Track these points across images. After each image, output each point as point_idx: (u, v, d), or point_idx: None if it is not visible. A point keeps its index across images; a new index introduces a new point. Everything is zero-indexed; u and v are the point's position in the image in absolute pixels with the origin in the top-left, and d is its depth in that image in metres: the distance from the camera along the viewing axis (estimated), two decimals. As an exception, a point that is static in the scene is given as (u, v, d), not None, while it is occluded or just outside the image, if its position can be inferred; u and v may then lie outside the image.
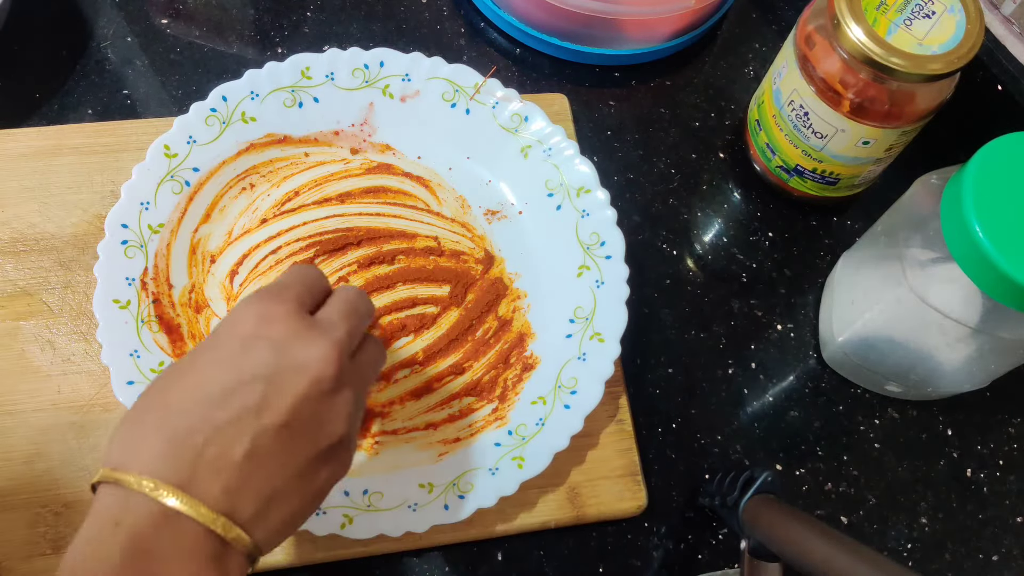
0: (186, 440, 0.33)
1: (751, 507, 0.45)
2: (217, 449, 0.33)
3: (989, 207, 0.43)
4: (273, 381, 0.35)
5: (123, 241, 0.52)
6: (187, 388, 0.35)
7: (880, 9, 0.50)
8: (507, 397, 0.53)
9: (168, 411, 0.34)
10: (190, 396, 0.34)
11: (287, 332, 0.36)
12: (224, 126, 0.56)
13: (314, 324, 0.37)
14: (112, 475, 0.33)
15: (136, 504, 0.32)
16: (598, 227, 0.56)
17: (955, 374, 0.53)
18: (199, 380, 0.35)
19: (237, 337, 0.36)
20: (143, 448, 0.33)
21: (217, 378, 0.34)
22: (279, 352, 0.35)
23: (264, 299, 0.37)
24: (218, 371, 0.35)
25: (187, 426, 0.33)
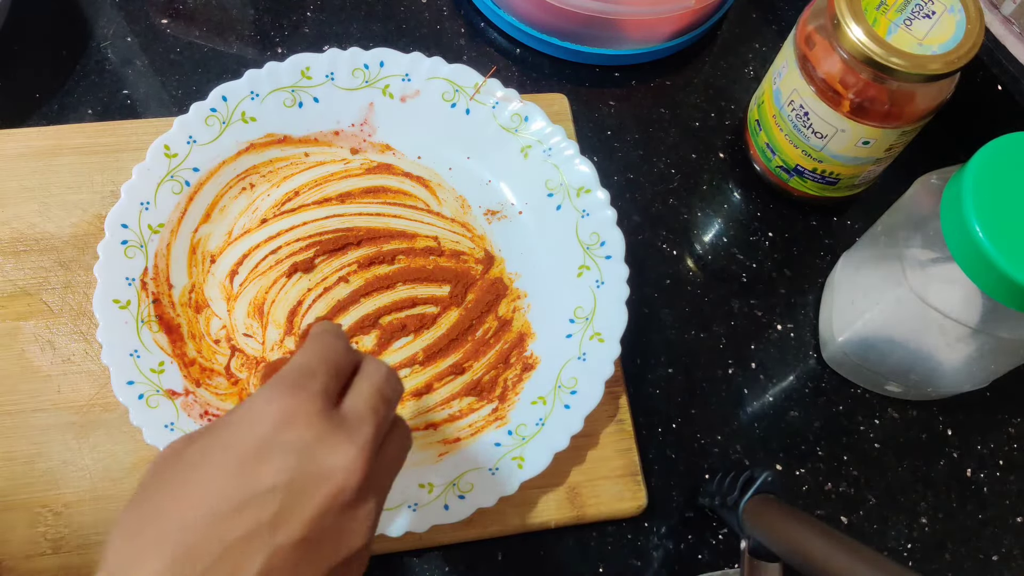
0: (191, 558, 0.30)
1: (751, 507, 0.45)
2: (228, 569, 0.30)
3: (989, 207, 0.43)
4: (291, 492, 0.31)
5: (123, 241, 0.52)
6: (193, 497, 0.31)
7: (880, 9, 0.50)
8: (507, 397, 0.53)
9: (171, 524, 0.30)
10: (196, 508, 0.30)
11: (310, 436, 0.32)
12: (224, 126, 0.56)
13: (340, 424, 0.33)
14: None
15: None
16: (598, 227, 0.56)
17: (955, 374, 0.53)
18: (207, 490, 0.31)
19: (253, 439, 0.32)
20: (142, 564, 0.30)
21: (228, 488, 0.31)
22: (300, 458, 0.31)
23: (286, 392, 0.33)
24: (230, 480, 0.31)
25: (191, 544, 0.30)
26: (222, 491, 0.31)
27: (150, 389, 0.49)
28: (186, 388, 0.50)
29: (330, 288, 0.56)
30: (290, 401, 0.32)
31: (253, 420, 0.32)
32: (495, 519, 0.51)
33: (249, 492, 0.31)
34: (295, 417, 0.32)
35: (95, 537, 0.48)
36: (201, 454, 0.32)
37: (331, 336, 0.36)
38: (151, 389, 0.49)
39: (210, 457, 0.32)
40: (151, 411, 0.49)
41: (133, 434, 0.50)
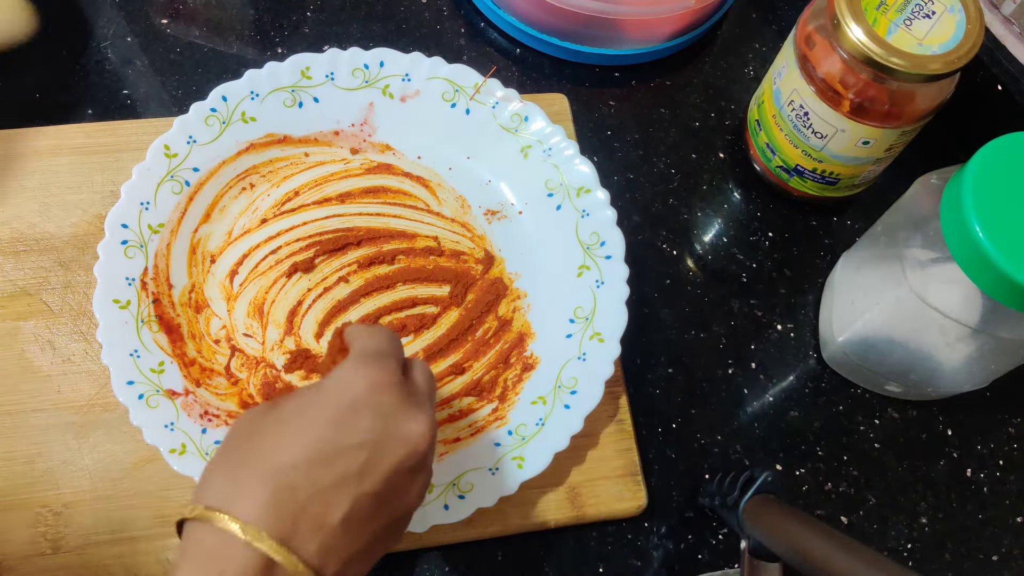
0: (291, 496, 0.33)
1: (751, 507, 0.45)
2: (319, 509, 0.33)
3: (989, 207, 0.43)
4: (377, 449, 0.35)
5: (123, 241, 0.52)
6: (293, 443, 0.35)
7: (880, 9, 0.50)
8: (507, 397, 0.53)
9: (272, 463, 0.34)
10: (296, 452, 0.34)
11: (394, 403, 0.37)
12: (224, 126, 0.56)
13: (415, 397, 0.38)
14: (213, 517, 0.33)
15: (238, 551, 0.32)
16: (598, 227, 0.56)
17: (955, 374, 0.53)
18: (307, 438, 0.35)
19: (346, 400, 0.36)
20: (246, 496, 0.33)
21: (325, 438, 0.35)
22: (386, 421, 0.36)
23: (372, 366, 0.37)
24: (326, 431, 0.35)
25: (292, 482, 0.33)
26: (318, 442, 0.34)
27: (150, 389, 0.49)
28: (186, 388, 0.50)
29: (330, 288, 0.56)
30: (377, 371, 0.37)
31: (345, 385, 0.36)
32: (495, 519, 0.51)
33: (342, 445, 0.35)
34: (382, 385, 0.37)
35: (95, 537, 0.48)
36: (295, 410, 0.36)
37: (391, 332, 0.41)
38: (151, 389, 0.49)
39: (305, 413, 0.36)
40: (151, 411, 0.49)
41: (133, 434, 0.50)
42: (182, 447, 0.48)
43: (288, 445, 0.34)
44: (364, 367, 0.37)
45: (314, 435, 0.35)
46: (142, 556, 0.48)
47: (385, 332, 0.40)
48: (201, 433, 0.49)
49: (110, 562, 0.48)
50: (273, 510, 0.33)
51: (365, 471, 0.35)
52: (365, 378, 0.37)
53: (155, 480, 0.50)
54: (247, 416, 0.37)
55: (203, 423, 0.49)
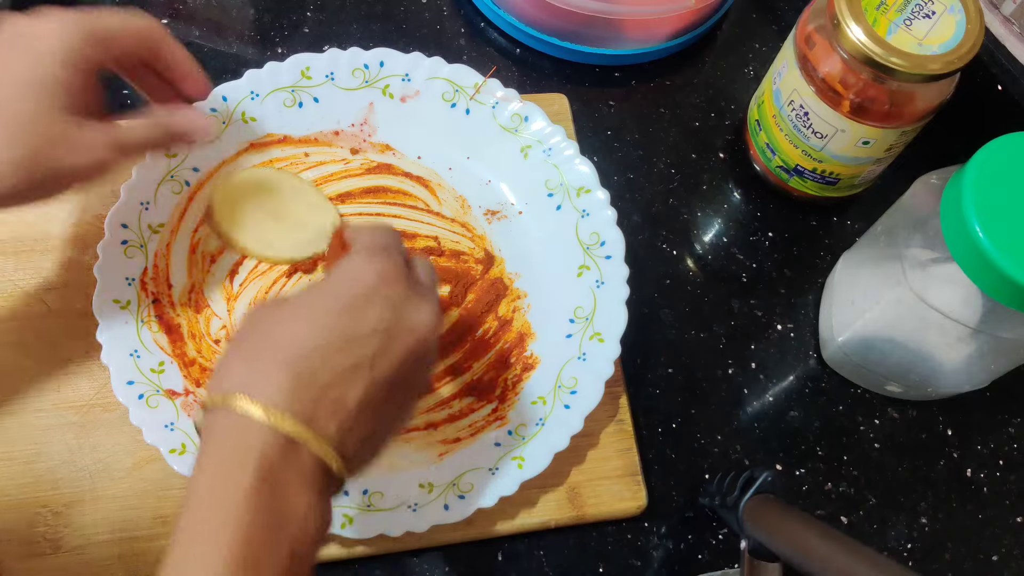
0: (311, 379, 0.34)
1: (751, 507, 0.45)
2: (337, 392, 0.35)
3: (989, 207, 0.43)
4: (389, 336, 0.37)
5: (123, 241, 0.52)
6: (310, 331, 0.36)
7: (880, 9, 0.50)
8: (507, 397, 0.53)
9: (291, 349, 0.35)
10: (314, 339, 0.35)
11: (403, 293, 0.38)
12: (224, 126, 0.56)
13: (421, 288, 0.40)
14: (238, 401, 0.33)
15: (263, 432, 0.33)
16: (598, 227, 0.56)
17: (955, 374, 0.53)
18: (323, 326, 0.36)
19: (360, 290, 0.37)
20: (268, 380, 0.34)
21: (340, 326, 0.36)
22: (396, 310, 0.37)
23: (380, 258, 0.39)
24: (341, 320, 0.36)
25: (311, 367, 0.35)
26: (334, 330, 0.36)
27: (150, 389, 0.49)
28: (186, 388, 0.50)
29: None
30: (386, 264, 0.38)
31: (356, 276, 0.38)
32: (495, 519, 0.51)
33: (357, 332, 0.36)
34: (390, 277, 0.38)
35: (95, 537, 0.48)
36: (308, 302, 0.37)
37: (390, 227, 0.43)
38: (151, 389, 0.49)
39: (320, 302, 0.37)
40: (151, 411, 0.49)
41: (133, 434, 0.50)
42: (182, 447, 0.48)
43: (305, 333, 0.35)
44: (373, 260, 0.38)
45: (329, 323, 0.36)
46: (142, 556, 0.48)
47: (388, 228, 0.42)
48: (201, 433, 0.49)
49: (110, 562, 0.48)
50: (294, 393, 0.34)
51: (378, 357, 0.36)
52: (375, 270, 0.38)
53: (155, 480, 0.50)
54: (258, 309, 0.38)
55: (203, 423, 0.49)
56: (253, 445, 0.33)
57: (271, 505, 0.32)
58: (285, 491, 0.33)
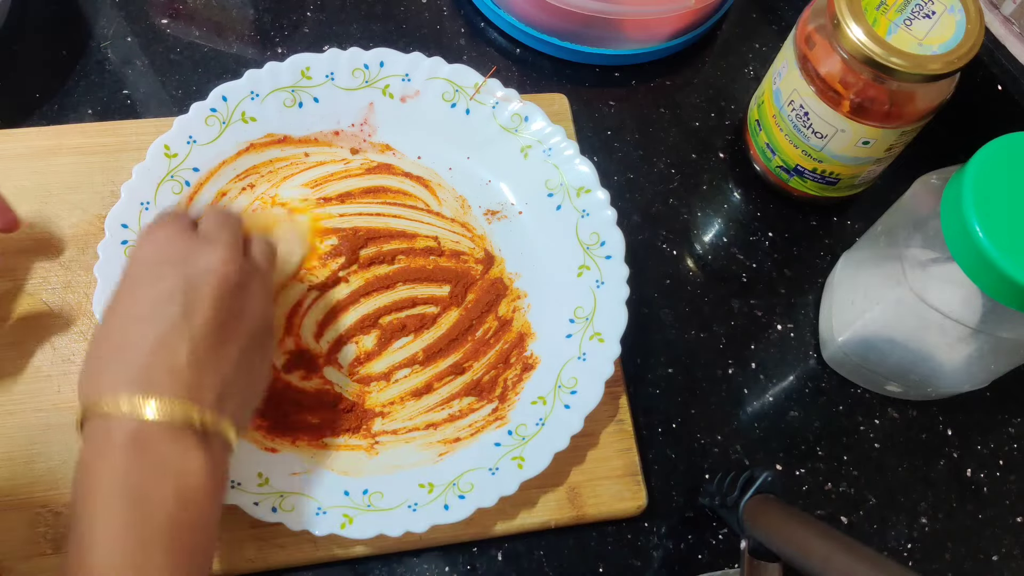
0: (135, 356, 0.38)
1: (751, 507, 0.45)
2: (164, 355, 0.38)
3: (989, 207, 0.43)
4: (189, 289, 0.40)
5: (123, 241, 0.52)
6: (120, 318, 0.40)
7: (880, 9, 0.50)
8: (507, 397, 0.53)
9: (111, 341, 0.39)
10: (124, 322, 0.39)
11: (184, 249, 0.41)
12: (224, 126, 0.56)
13: (202, 238, 0.42)
14: (92, 408, 0.38)
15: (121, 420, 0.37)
16: (598, 227, 0.56)
17: (955, 374, 0.53)
18: (127, 307, 0.40)
19: (147, 265, 0.41)
20: (105, 378, 0.38)
21: (141, 300, 0.40)
22: (185, 265, 0.40)
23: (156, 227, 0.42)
24: (141, 295, 0.40)
25: (131, 344, 0.38)
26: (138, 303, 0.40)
27: (150, 389, 0.49)
28: (186, 388, 0.50)
29: (329, 288, 0.56)
30: (161, 232, 0.42)
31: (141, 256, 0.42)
32: (495, 519, 0.51)
33: (157, 298, 0.39)
34: (169, 239, 0.42)
35: (95, 537, 0.48)
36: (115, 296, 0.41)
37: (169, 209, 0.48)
38: (151, 389, 0.49)
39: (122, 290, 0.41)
40: (151, 411, 0.49)
41: (133, 434, 0.50)
42: (182, 447, 0.48)
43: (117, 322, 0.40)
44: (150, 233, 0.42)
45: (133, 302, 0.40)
46: (142, 556, 0.48)
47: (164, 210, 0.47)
48: (201, 433, 0.49)
49: (110, 562, 0.48)
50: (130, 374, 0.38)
51: (189, 310, 0.39)
52: (152, 241, 0.42)
53: (155, 480, 0.50)
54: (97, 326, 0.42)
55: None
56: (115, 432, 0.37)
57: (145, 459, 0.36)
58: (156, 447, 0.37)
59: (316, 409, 0.52)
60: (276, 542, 0.49)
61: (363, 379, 0.54)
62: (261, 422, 0.51)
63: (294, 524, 0.46)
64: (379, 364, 0.54)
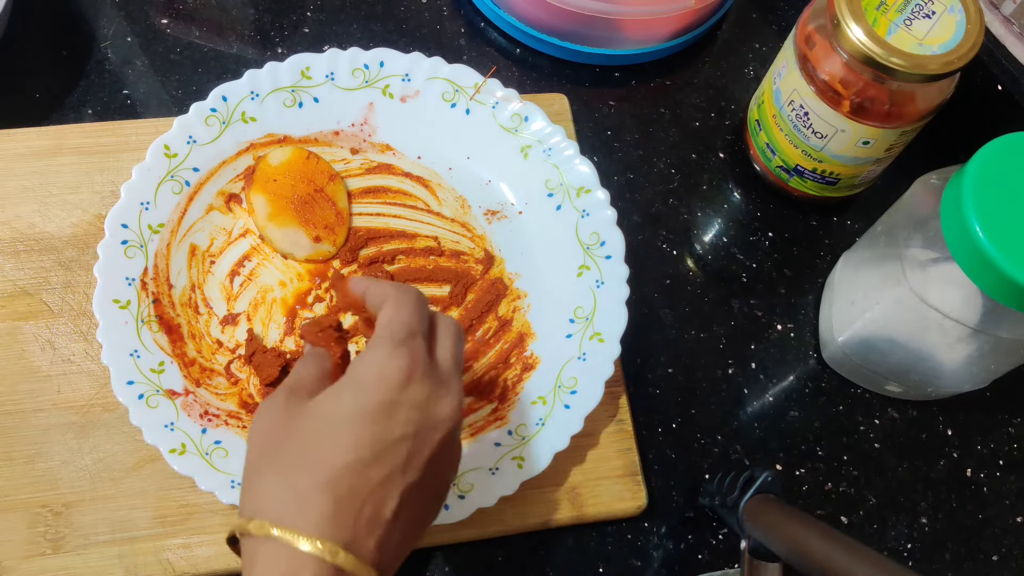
0: (350, 500, 0.34)
1: (751, 507, 0.45)
2: (372, 508, 0.35)
3: (989, 207, 0.43)
4: (416, 440, 0.36)
5: (123, 241, 0.52)
6: (341, 442, 0.35)
7: (880, 9, 0.50)
8: (507, 397, 0.53)
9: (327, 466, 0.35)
10: (347, 452, 0.35)
11: (425, 392, 0.37)
12: (224, 126, 0.56)
13: (441, 379, 0.39)
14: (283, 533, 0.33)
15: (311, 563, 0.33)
16: (598, 227, 0.56)
17: (955, 374, 0.53)
18: (354, 436, 0.35)
19: (386, 394, 0.36)
20: (310, 507, 0.34)
21: (371, 436, 0.35)
22: (421, 412, 0.37)
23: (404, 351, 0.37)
24: (371, 429, 0.36)
25: (350, 486, 0.34)
26: (365, 440, 0.35)
27: (150, 389, 0.49)
28: (186, 388, 0.50)
29: (330, 288, 0.56)
30: (410, 358, 0.37)
31: (381, 375, 0.37)
32: (495, 519, 0.51)
33: (387, 441, 0.36)
34: (412, 375, 0.37)
35: (95, 537, 0.48)
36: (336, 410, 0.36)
37: (418, 294, 0.40)
38: (151, 389, 0.49)
39: (346, 412, 0.36)
40: (151, 411, 0.49)
41: (133, 434, 0.50)
42: (182, 447, 0.48)
43: (337, 445, 0.35)
44: (396, 354, 0.37)
45: (360, 434, 0.35)
46: (142, 556, 0.48)
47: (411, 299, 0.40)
48: (201, 433, 0.49)
49: (110, 562, 0.48)
50: (338, 519, 0.34)
51: (408, 463, 0.36)
52: (399, 368, 0.37)
53: (155, 480, 0.50)
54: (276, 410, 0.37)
55: (203, 423, 0.49)
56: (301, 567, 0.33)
57: None
58: None
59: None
60: (276, 542, 0.49)
61: (363, 379, 0.54)
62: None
63: (294, 524, 0.46)
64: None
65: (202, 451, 0.48)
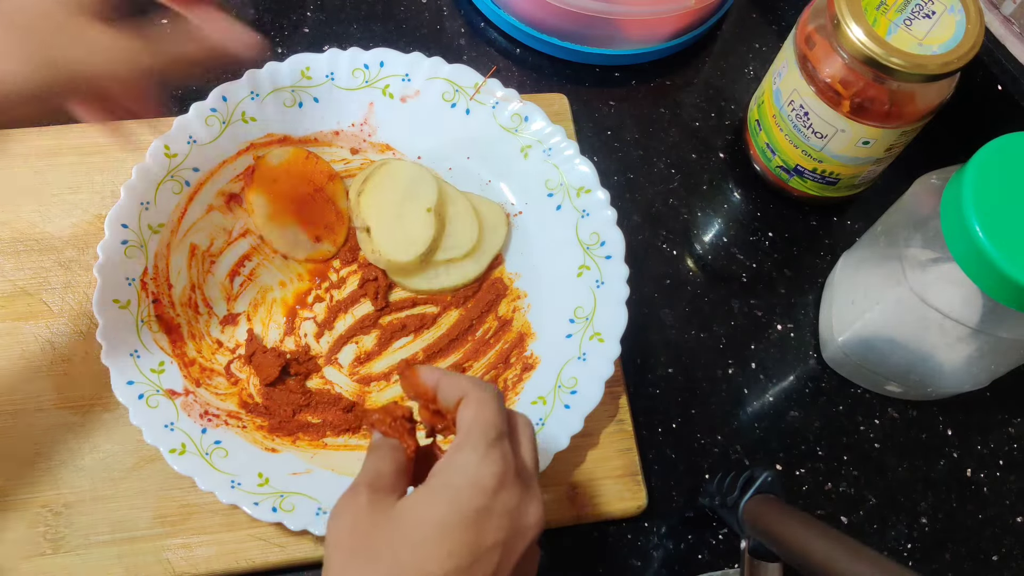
0: None
1: (751, 507, 0.45)
2: None
3: (989, 207, 0.43)
4: (507, 547, 0.36)
5: (123, 241, 0.52)
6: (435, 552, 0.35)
7: (880, 9, 0.50)
8: (507, 397, 0.53)
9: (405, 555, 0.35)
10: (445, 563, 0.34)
11: (516, 498, 0.37)
12: (224, 126, 0.56)
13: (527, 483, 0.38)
14: None
15: None
16: (598, 227, 0.56)
17: (955, 374, 0.53)
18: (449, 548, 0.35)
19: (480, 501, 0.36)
20: None
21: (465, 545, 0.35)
22: (511, 519, 0.36)
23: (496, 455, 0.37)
24: (465, 536, 0.35)
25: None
26: (460, 549, 0.35)
27: (150, 389, 0.49)
28: (186, 388, 0.50)
29: (331, 288, 0.56)
30: (501, 463, 0.37)
31: (474, 481, 0.36)
32: (495, 519, 0.51)
33: (480, 549, 0.35)
34: (504, 480, 0.37)
35: (95, 537, 0.48)
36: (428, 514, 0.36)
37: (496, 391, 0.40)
38: (151, 389, 0.49)
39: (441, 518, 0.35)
40: (151, 411, 0.49)
41: (133, 434, 0.50)
42: (182, 447, 0.48)
43: (433, 553, 0.35)
44: (489, 458, 0.37)
45: (456, 540, 0.35)
46: (142, 556, 0.48)
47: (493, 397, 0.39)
48: (201, 433, 0.49)
49: (110, 562, 0.48)
50: None
51: (499, 570, 0.36)
52: (492, 475, 0.36)
53: (155, 480, 0.50)
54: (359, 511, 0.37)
55: (203, 423, 0.49)
56: None
57: None
58: None
59: (316, 409, 0.52)
60: (276, 542, 0.49)
61: (363, 379, 0.54)
62: (262, 422, 0.51)
63: (294, 524, 0.46)
64: (379, 364, 0.54)
65: (202, 451, 0.48)
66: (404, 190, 0.56)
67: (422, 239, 0.55)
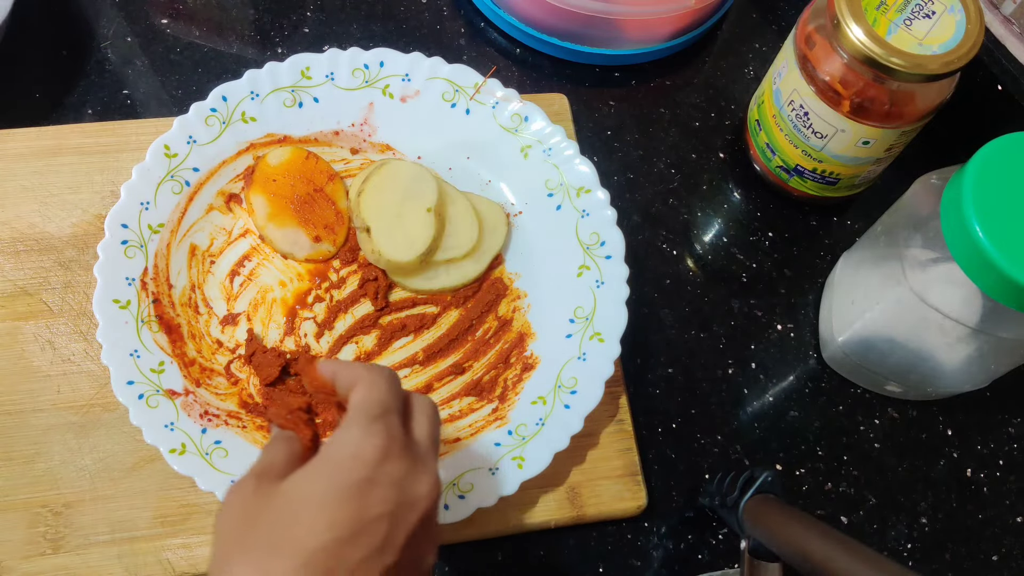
0: None
1: (751, 507, 0.45)
2: None
3: (989, 207, 0.43)
4: (394, 519, 0.35)
5: (123, 241, 0.52)
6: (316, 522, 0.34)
7: (880, 9, 0.50)
8: (507, 397, 0.53)
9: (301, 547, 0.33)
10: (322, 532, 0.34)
11: (403, 469, 0.36)
12: (224, 126, 0.56)
13: (418, 456, 0.38)
14: None
15: None
16: (598, 227, 0.56)
17: (955, 374, 0.53)
18: (329, 516, 0.34)
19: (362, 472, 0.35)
20: None
21: (347, 516, 0.34)
22: (398, 490, 0.36)
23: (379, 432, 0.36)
24: (347, 508, 0.34)
25: (326, 569, 0.33)
26: (341, 520, 0.34)
27: (150, 389, 0.49)
28: (186, 388, 0.50)
29: (330, 288, 0.56)
30: (385, 437, 0.36)
31: (356, 454, 0.35)
32: (495, 519, 0.51)
33: (364, 520, 0.34)
34: (389, 452, 0.36)
35: (95, 537, 0.48)
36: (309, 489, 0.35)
37: (390, 373, 0.39)
38: (151, 389, 0.49)
39: (320, 491, 0.35)
40: (151, 411, 0.49)
41: (133, 434, 0.50)
42: (182, 447, 0.48)
43: (312, 525, 0.34)
44: (371, 432, 0.36)
45: (335, 512, 0.34)
46: (142, 556, 0.48)
47: (383, 378, 0.39)
48: (201, 433, 0.49)
49: (110, 562, 0.48)
50: None
51: (386, 543, 0.35)
52: (374, 446, 0.36)
53: (155, 480, 0.50)
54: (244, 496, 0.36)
55: (203, 423, 0.49)
56: None
57: None
58: None
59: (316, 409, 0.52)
60: (276, 542, 0.49)
61: (363, 379, 0.54)
62: (262, 422, 0.51)
63: (294, 524, 0.46)
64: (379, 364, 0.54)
65: (202, 451, 0.48)
66: (404, 190, 0.56)
67: (422, 239, 0.54)
